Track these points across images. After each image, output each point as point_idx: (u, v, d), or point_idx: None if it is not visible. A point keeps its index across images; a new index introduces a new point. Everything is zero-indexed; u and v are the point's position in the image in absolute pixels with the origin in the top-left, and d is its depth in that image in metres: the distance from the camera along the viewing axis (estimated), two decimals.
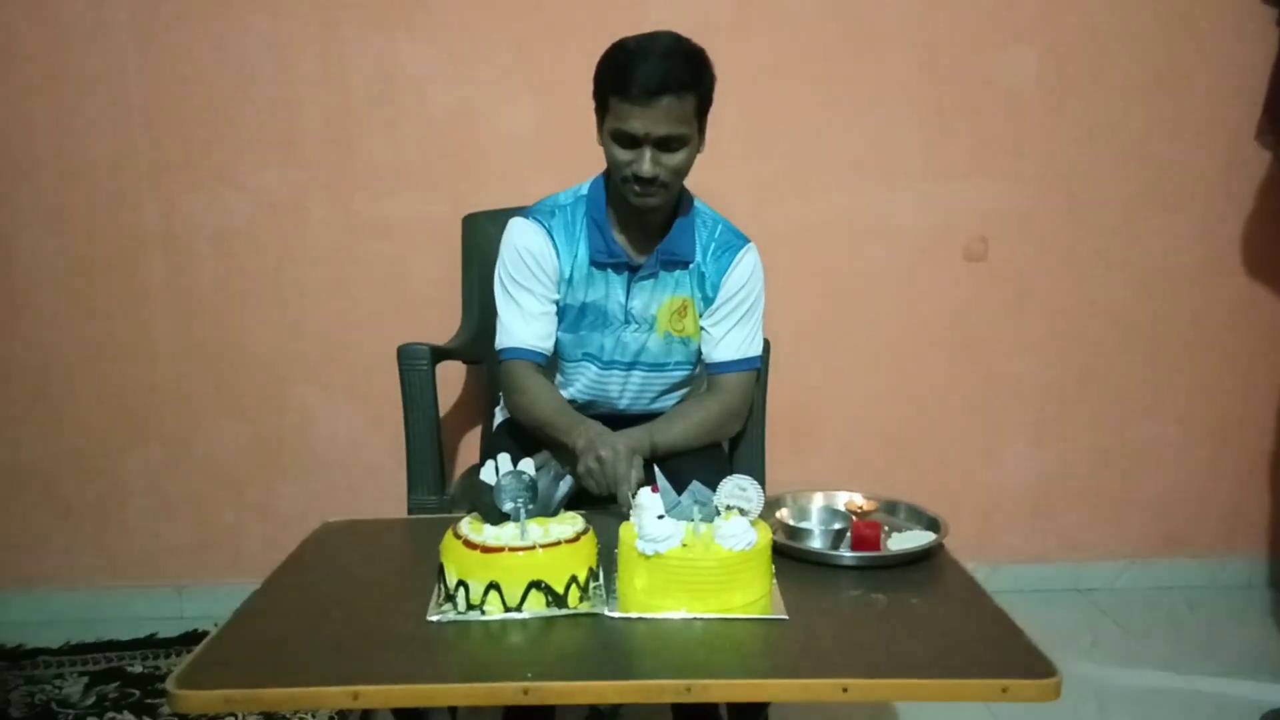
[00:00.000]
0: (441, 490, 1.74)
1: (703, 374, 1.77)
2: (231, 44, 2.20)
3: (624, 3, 2.15)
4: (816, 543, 1.27)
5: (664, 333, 1.68)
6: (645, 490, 1.18)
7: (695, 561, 1.08)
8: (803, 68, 2.26)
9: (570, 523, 1.18)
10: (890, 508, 1.39)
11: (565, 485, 1.19)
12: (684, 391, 1.82)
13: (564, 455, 1.52)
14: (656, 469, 1.20)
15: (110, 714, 1.97)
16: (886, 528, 1.31)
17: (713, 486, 1.56)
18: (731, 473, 1.78)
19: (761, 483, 1.81)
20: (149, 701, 2.01)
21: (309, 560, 1.30)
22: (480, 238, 2.06)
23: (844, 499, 1.40)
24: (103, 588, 2.43)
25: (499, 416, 1.85)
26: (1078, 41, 2.28)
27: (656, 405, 1.78)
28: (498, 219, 1.76)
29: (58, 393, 2.33)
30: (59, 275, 2.28)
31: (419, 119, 2.24)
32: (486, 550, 1.10)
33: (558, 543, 1.12)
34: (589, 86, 1.55)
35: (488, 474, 1.20)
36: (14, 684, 2.10)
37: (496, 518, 1.16)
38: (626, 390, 1.74)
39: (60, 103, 2.20)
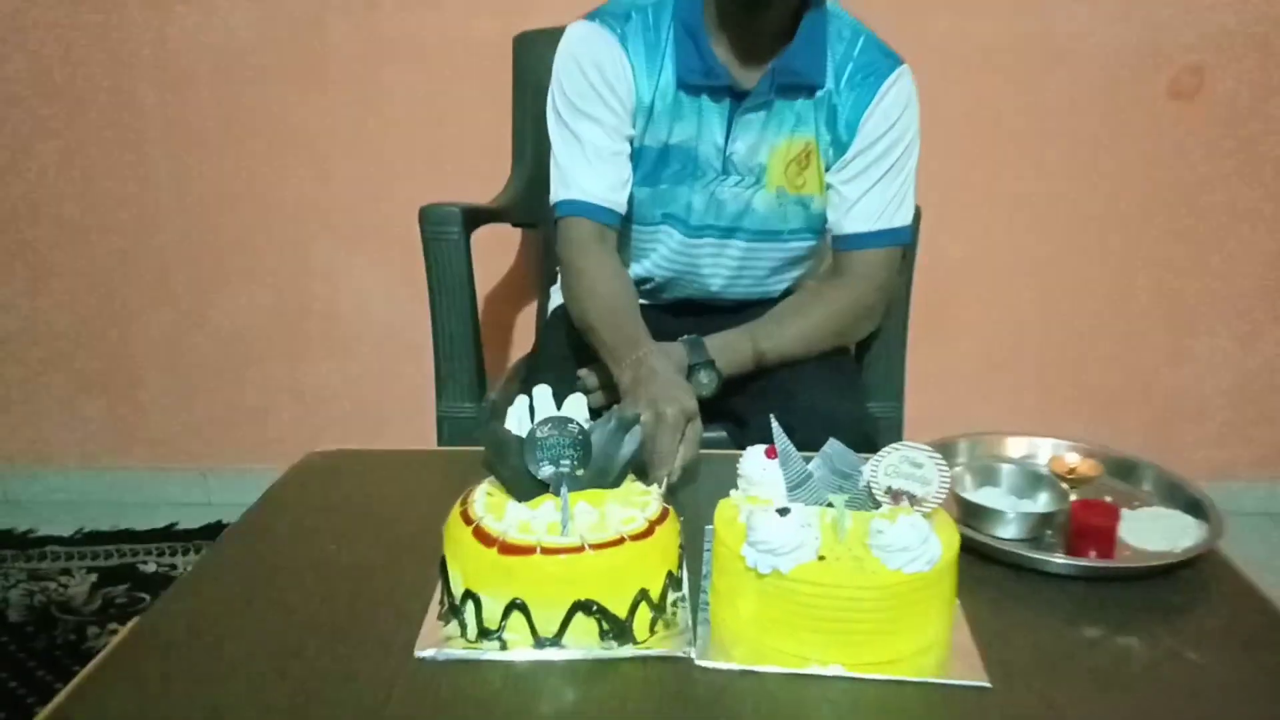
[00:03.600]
0: (481, 394, 1.35)
1: (827, 249, 1.31)
2: None
3: None
4: (1011, 530, 0.84)
5: (776, 188, 1.23)
6: (757, 455, 0.76)
7: (839, 589, 0.67)
8: None
9: (639, 501, 0.77)
10: (1124, 468, 0.94)
11: (633, 441, 0.77)
12: (801, 272, 1.36)
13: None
14: (775, 424, 0.77)
15: (113, 625, 1.71)
16: (1111, 500, 0.87)
17: (846, 416, 1.17)
18: (861, 378, 1.37)
19: (900, 396, 1.39)
20: None
21: (267, 523, 0.91)
22: (536, 62, 1.58)
23: (1047, 452, 0.95)
24: (122, 468, 2.16)
25: (555, 299, 1.43)
26: None
27: (761, 290, 1.34)
28: (559, 38, 1.25)
29: (53, 247, 1.99)
30: (35, 106, 1.89)
31: None
32: (508, 549, 0.70)
33: (620, 539, 0.71)
34: None
35: (515, 418, 0.79)
36: (16, 579, 1.87)
37: (526, 490, 0.76)
38: (721, 267, 1.30)
39: None
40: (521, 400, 0.80)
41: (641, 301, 1.37)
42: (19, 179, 1.95)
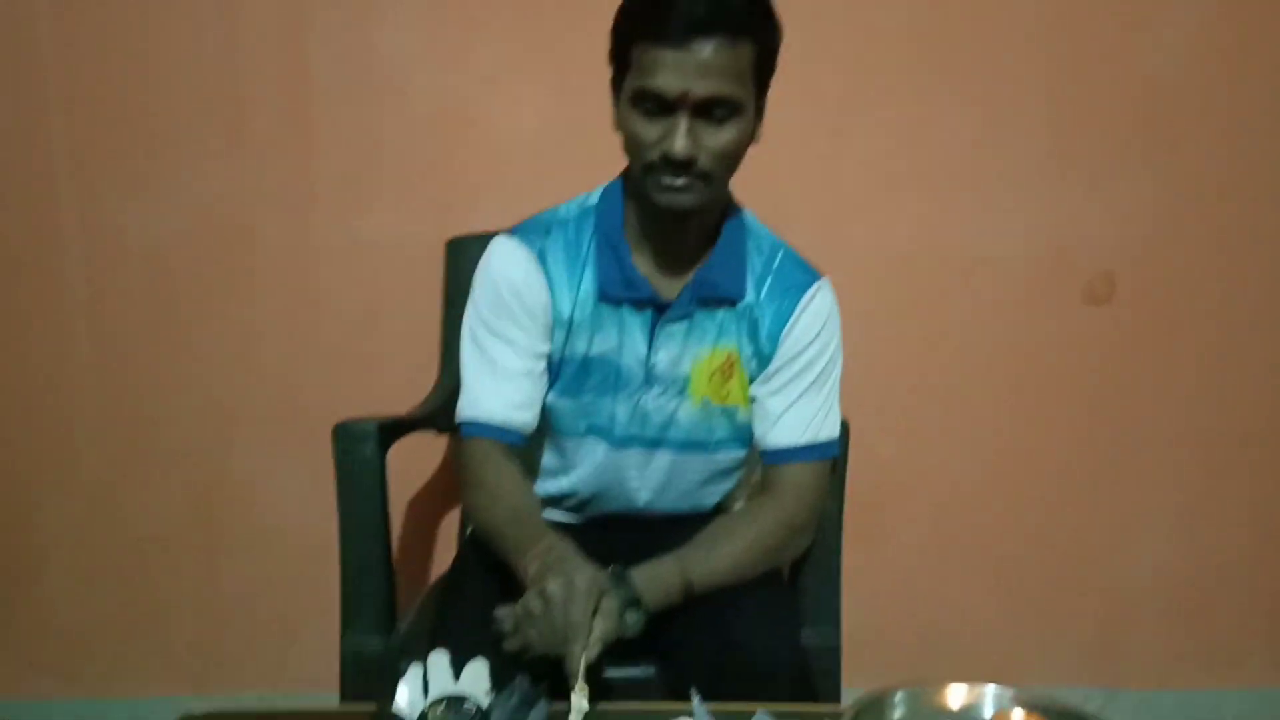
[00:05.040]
0: (390, 625, 1.27)
1: (758, 459, 1.28)
2: (169, 20, 1.75)
3: None
4: None
5: (701, 399, 1.21)
6: None
7: None
8: (884, 54, 1.78)
9: None
10: None
11: (539, 714, 0.71)
12: (731, 484, 1.34)
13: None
14: (697, 704, 0.71)
15: None
16: None
17: (782, 654, 1.09)
18: (796, 601, 1.28)
19: (836, 620, 1.33)
20: None
21: None
22: (468, 266, 1.51)
23: (990, 705, 0.90)
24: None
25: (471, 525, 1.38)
26: (1240, 14, 1.77)
27: (691, 503, 1.31)
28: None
29: None
30: None
31: (396, 117, 1.79)
32: None
33: None
34: (607, 73, 1.11)
35: (406, 697, 0.72)
36: None
37: None
38: (648, 479, 1.27)
39: None
40: (415, 671, 0.74)
41: (569, 519, 1.33)
42: None
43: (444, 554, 1.91)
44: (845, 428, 1.30)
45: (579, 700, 0.84)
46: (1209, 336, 1.89)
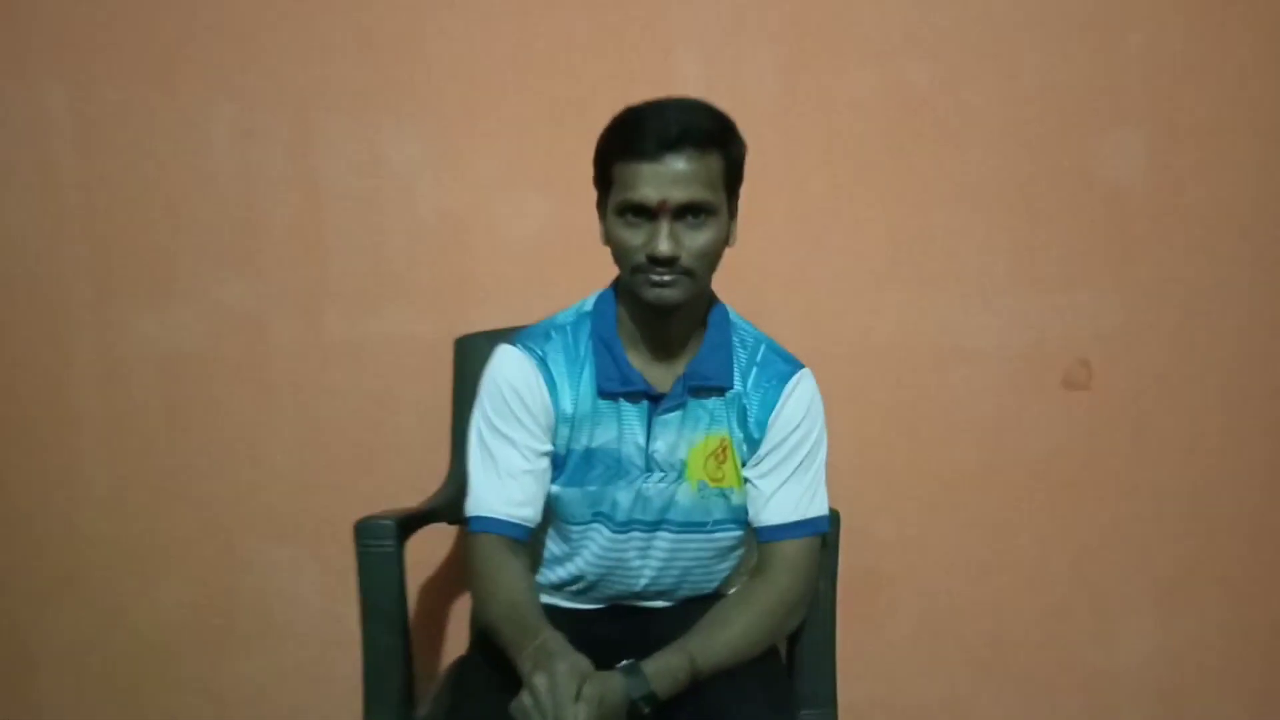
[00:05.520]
0: (407, 711, 1.32)
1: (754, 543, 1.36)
2: (185, 134, 1.85)
3: (648, 87, 1.78)
4: None
5: (698, 482, 1.30)
6: None
7: None
8: (863, 158, 1.89)
9: None
10: None
11: None
12: (729, 565, 1.41)
13: None
14: None
15: None
16: None
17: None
18: (795, 690, 1.35)
19: (833, 701, 1.39)
20: None
21: None
22: (476, 364, 1.61)
23: None
24: None
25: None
26: (1196, 123, 1.89)
27: (691, 585, 1.38)
28: (497, 341, 1.37)
29: None
30: None
31: (404, 222, 1.88)
32: None
33: None
34: None
35: None
36: None
37: None
38: (650, 560, 1.35)
39: None
40: None
41: (574, 605, 1.39)
42: None
43: (454, 637, 1.95)
44: (835, 514, 1.38)
45: None
46: (1180, 420, 1.97)
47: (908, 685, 2.00)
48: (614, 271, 1.30)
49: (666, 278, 1.18)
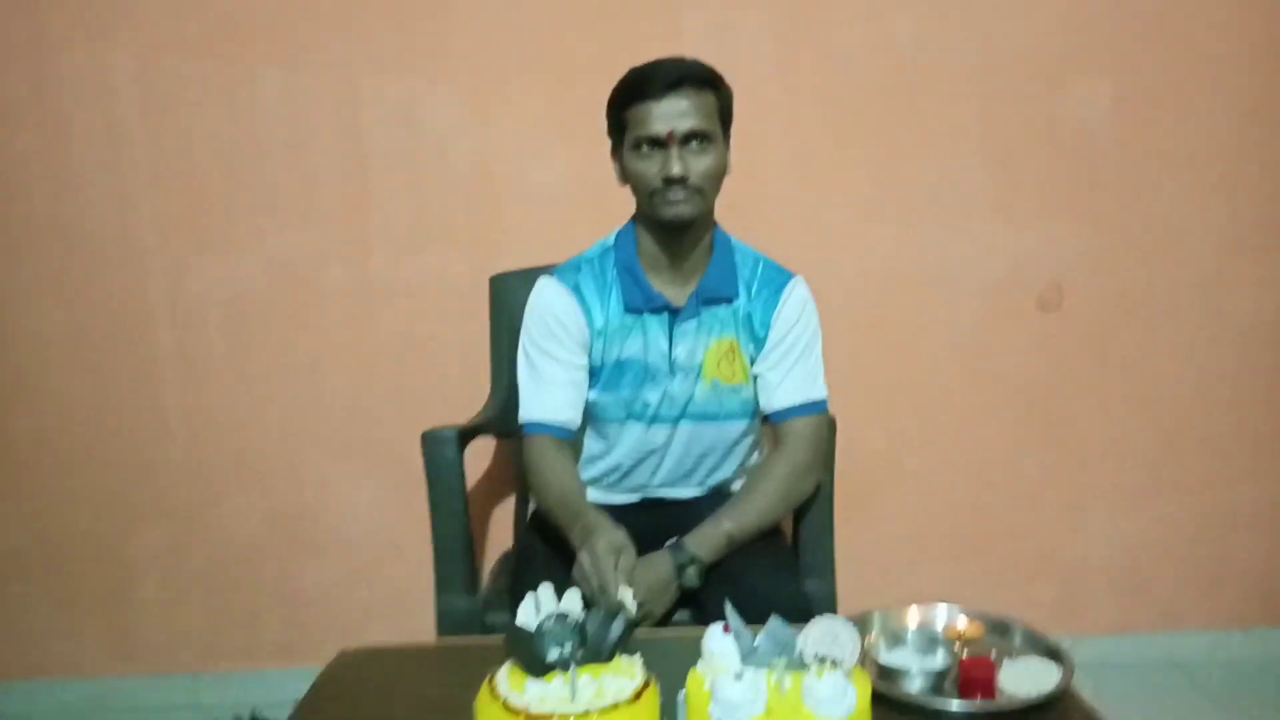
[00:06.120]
0: (474, 588, 1.57)
1: (761, 441, 1.63)
2: (241, 97, 2.05)
3: (659, 46, 1.97)
4: (916, 684, 1.07)
5: (712, 380, 1.54)
6: (716, 632, 0.99)
7: None
8: (854, 106, 2.08)
9: (628, 672, 0.99)
10: (1000, 628, 1.19)
11: (619, 625, 1.00)
12: (738, 460, 1.65)
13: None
14: (729, 607, 1.01)
15: None
16: (994, 652, 1.12)
17: (786, 595, 1.42)
18: (799, 559, 1.67)
19: (831, 572, 1.63)
20: None
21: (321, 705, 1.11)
22: (509, 299, 1.88)
23: (943, 618, 1.20)
24: (114, 675, 2.26)
25: (533, 503, 1.68)
26: (1157, 69, 2.08)
27: (704, 468, 1.62)
28: (528, 278, 1.61)
29: (63, 470, 2.18)
30: (64, 346, 2.13)
31: (441, 173, 2.09)
32: (532, 719, 0.91)
33: (615, 705, 0.93)
34: None
35: (526, 614, 1.02)
36: None
37: (539, 668, 0.97)
38: (673, 448, 1.58)
39: (61, 164, 2.06)
40: (530, 598, 1.03)
41: (612, 500, 1.63)
42: (33, 410, 2.16)
43: (498, 533, 2.20)
44: (833, 420, 1.61)
45: (626, 595, 1.25)
46: (1142, 337, 2.19)
47: (899, 577, 2.25)
48: (627, 214, 1.52)
49: (680, 195, 1.41)
